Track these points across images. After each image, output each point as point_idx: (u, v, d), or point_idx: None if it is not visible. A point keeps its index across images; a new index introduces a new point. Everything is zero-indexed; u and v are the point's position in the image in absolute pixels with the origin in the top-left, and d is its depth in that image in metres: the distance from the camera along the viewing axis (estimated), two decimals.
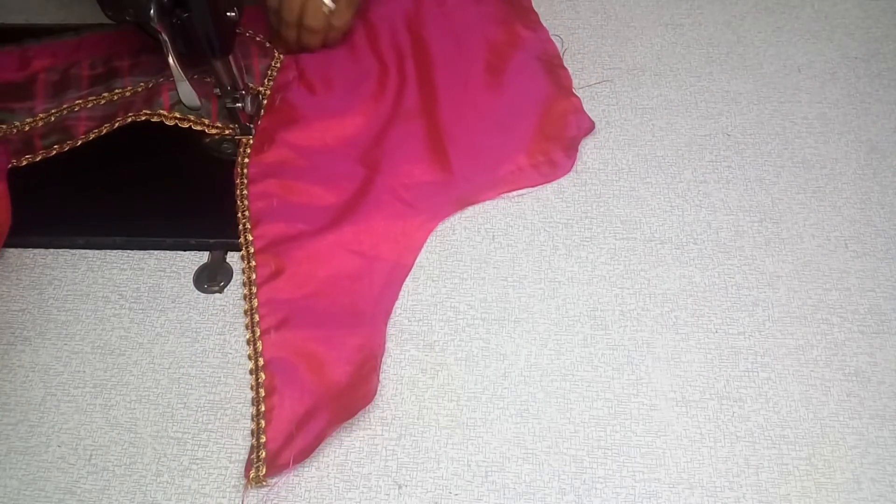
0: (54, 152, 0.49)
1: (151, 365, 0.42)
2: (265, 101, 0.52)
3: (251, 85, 0.51)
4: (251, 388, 0.40)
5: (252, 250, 0.45)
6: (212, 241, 0.46)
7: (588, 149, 0.51)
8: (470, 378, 0.41)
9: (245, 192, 0.47)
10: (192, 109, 0.45)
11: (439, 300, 0.44)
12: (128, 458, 0.39)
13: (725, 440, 0.39)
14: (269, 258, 0.45)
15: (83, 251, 0.47)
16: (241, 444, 0.39)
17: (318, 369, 0.41)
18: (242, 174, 0.48)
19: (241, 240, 0.46)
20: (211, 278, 0.45)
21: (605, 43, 0.57)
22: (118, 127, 0.49)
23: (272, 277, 0.44)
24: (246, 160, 0.49)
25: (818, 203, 0.48)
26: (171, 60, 0.42)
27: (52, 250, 0.47)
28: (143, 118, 0.48)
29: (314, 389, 0.40)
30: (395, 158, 0.49)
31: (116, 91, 0.51)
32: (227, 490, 0.38)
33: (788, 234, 0.47)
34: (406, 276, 0.45)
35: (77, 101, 0.51)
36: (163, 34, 0.41)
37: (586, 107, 0.53)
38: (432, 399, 0.41)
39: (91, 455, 0.39)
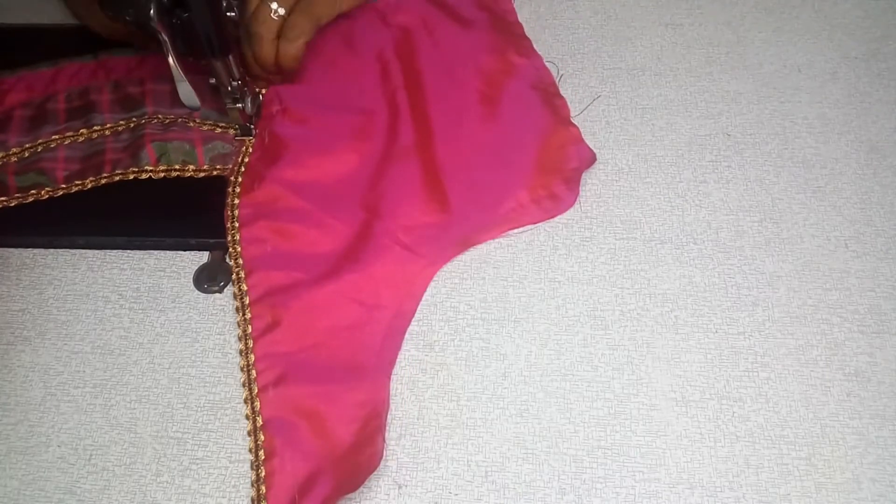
0: (31, 199, 0.47)
1: (151, 365, 0.42)
2: (253, 140, 0.49)
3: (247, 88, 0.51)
4: (249, 451, 0.39)
5: (247, 301, 0.43)
6: (212, 241, 0.46)
7: (586, 107, 0.51)
8: (470, 378, 0.41)
9: (237, 236, 0.45)
10: (191, 109, 0.45)
11: (439, 300, 0.44)
12: (128, 458, 0.39)
13: (725, 440, 0.39)
14: (265, 309, 0.42)
15: (83, 251, 0.47)
16: (241, 444, 0.39)
17: (320, 428, 0.39)
18: (233, 216, 0.46)
19: (236, 290, 0.43)
20: (211, 278, 0.45)
21: (605, 43, 0.57)
22: (105, 184, 0.47)
23: (269, 330, 0.42)
24: (236, 201, 0.46)
25: (818, 203, 0.48)
26: (170, 60, 0.42)
27: (52, 250, 0.47)
28: (132, 177, 0.47)
29: (316, 451, 0.38)
30: (393, 200, 0.47)
31: (95, 128, 0.50)
32: (227, 490, 0.38)
33: (788, 234, 0.47)
34: (408, 325, 0.43)
35: (54, 136, 0.49)
36: (162, 34, 0.41)
37: (585, 106, 0.53)
38: (432, 399, 0.41)
39: (91, 455, 0.39)
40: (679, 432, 0.39)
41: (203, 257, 0.46)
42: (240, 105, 0.48)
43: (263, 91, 0.52)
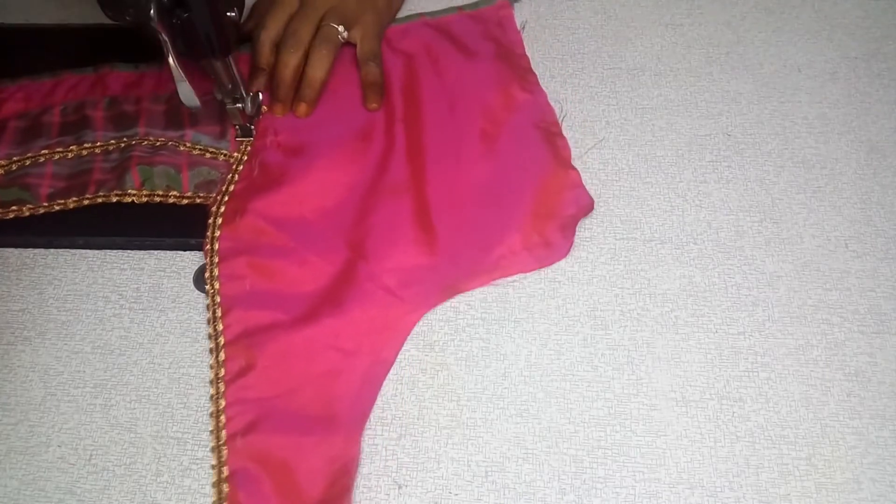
0: (12, 215, 0.46)
1: (151, 365, 0.42)
2: (241, 168, 0.48)
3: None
4: None
5: (222, 342, 0.41)
6: None
7: (588, 149, 0.51)
8: (470, 378, 0.41)
9: (216, 272, 0.43)
10: (191, 109, 0.45)
11: None
12: (128, 458, 0.39)
13: (725, 440, 0.39)
14: (240, 351, 0.41)
15: (83, 251, 0.47)
16: None
17: (287, 483, 0.37)
18: (213, 250, 0.44)
19: (211, 330, 0.42)
20: None
21: (605, 43, 0.57)
22: (87, 204, 0.46)
23: (242, 374, 0.40)
24: (217, 233, 0.45)
25: (818, 203, 0.48)
26: (171, 61, 0.42)
27: (52, 250, 0.47)
28: (115, 200, 0.46)
29: None
30: (380, 239, 0.45)
31: (86, 145, 0.49)
32: None
33: (788, 234, 0.47)
34: (386, 373, 0.41)
35: (43, 151, 0.48)
36: (163, 34, 0.41)
37: (586, 105, 0.53)
38: (432, 399, 0.41)
39: (91, 455, 0.39)
40: (679, 432, 0.39)
41: (203, 257, 0.46)
42: (239, 105, 0.48)
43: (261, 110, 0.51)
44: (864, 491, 0.37)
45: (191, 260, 0.46)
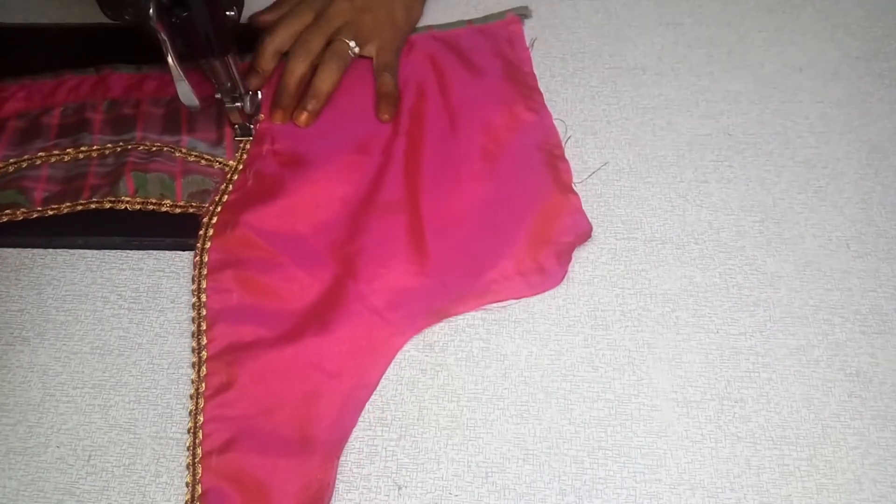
0: (6, 219, 0.46)
1: (150, 365, 0.42)
2: (236, 177, 0.48)
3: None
4: None
5: (204, 356, 0.41)
6: None
7: (589, 149, 0.51)
8: (470, 378, 0.41)
9: (203, 284, 0.43)
10: (190, 108, 0.45)
11: None
12: (127, 459, 0.39)
13: (726, 441, 0.39)
14: (221, 367, 0.40)
15: (82, 251, 0.46)
16: None
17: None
18: (202, 262, 0.44)
19: (194, 343, 0.41)
20: None
21: (605, 42, 0.57)
22: (80, 210, 0.46)
23: (222, 390, 0.40)
24: (207, 244, 0.44)
25: (820, 203, 0.48)
26: (170, 60, 0.42)
27: (50, 250, 0.46)
28: (108, 206, 0.46)
29: None
30: (371, 258, 0.44)
31: (83, 149, 0.48)
32: None
33: (790, 234, 0.47)
34: (367, 398, 0.40)
35: (40, 153, 0.48)
36: (162, 34, 0.41)
37: (587, 105, 0.53)
38: (432, 400, 0.41)
39: (90, 456, 0.39)
40: (680, 433, 0.39)
41: None
42: (239, 104, 0.48)
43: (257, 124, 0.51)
44: (866, 492, 0.37)
45: (189, 260, 0.46)
